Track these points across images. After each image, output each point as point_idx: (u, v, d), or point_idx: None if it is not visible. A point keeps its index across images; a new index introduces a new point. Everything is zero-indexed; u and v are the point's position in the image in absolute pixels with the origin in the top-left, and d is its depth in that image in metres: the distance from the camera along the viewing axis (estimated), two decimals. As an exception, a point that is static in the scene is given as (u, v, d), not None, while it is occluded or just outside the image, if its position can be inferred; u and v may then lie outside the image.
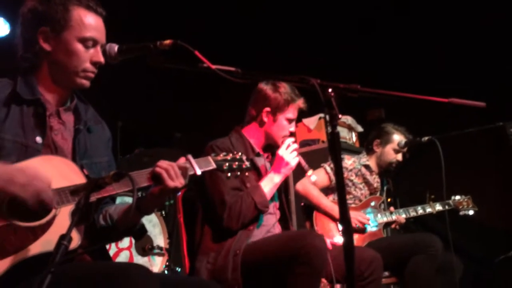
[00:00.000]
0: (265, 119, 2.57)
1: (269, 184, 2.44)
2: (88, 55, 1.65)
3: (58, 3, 1.61)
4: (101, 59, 1.66)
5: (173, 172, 1.63)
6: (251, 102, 2.64)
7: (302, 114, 4.55)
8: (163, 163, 1.64)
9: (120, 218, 1.73)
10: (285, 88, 2.55)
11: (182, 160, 1.71)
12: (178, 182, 1.63)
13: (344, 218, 1.25)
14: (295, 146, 2.50)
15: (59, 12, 1.61)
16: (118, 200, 1.97)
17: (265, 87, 2.58)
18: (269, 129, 2.59)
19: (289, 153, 2.46)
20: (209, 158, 1.84)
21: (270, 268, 2.24)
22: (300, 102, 2.58)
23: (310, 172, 2.51)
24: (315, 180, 3.25)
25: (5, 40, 4.51)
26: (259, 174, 2.54)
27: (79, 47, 1.63)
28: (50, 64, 1.66)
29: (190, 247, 2.48)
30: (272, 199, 2.55)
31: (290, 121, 2.57)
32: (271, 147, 2.63)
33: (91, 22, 1.64)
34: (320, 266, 2.14)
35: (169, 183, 1.61)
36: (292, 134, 2.65)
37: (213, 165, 1.83)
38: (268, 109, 2.56)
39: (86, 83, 1.68)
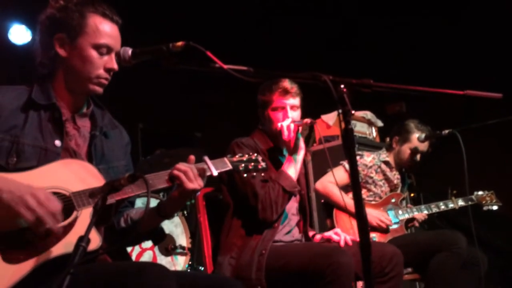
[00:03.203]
0: (263, 119, 2.60)
1: (290, 165, 2.45)
2: (102, 62, 1.67)
3: (75, 10, 1.65)
4: (115, 66, 1.68)
5: (192, 174, 1.65)
6: None
7: (321, 111, 4.58)
8: (182, 166, 1.66)
9: (141, 220, 1.76)
10: (270, 83, 2.52)
11: (192, 159, 1.72)
12: (196, 184, 1.66)
13: (359, 215, 1.24)
14: (288, 121, 2.46)
15: (75, 19, 1.64)
16: (139, 202, 2.00)
17: (258, 92, 2.61)
18: (266, 127, 2.59)
19: (290, 131, 2.43)
20: (225, 159, 1.86)
21: (294, 279, 2.24)
22: (280, 86, 2.49)
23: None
24: (335, 178, 3.24)
25: (27, 47, 4.63)
26: None
27: (93, 53, 1.66)
28: (65, 70, 1.70)
29: (215, 245, 2.50)
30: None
31: (279, 109, 2.51)
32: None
33: (106, 29, 1.67)
34: (347, 284, 2.12)
35: (188, 185, 1.64)
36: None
37: (229, 166, 1.85)
38: (261, 110, 2.59)
39: (99, 89, 1.71)
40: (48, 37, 1.67)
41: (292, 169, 2.45)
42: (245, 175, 1.91)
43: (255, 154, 1.97)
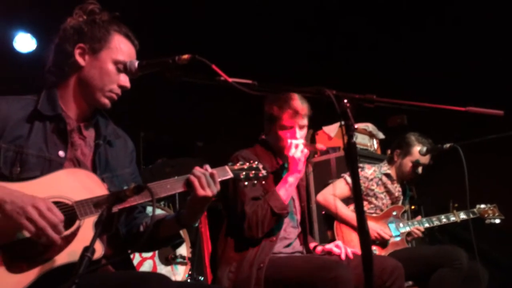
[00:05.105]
0: (269, 131, 2.59)
1: (284, 186, 2.43)
2: (117, 78, 1.75)
3: (102, 26, 1.75)
4: (128, 85, 1.77)
5: (205, 180, 1.69)
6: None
7: (323, 122, 4.59)
8: (197, 171, 1.71)
9: (161, 228, 1.81)
10: (281, 99, 2.52)
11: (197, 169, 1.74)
12: (208, 191, 1.69)
13: (361, 228, 1.24)
14: (301, 142, 2.47)
15: (102, 33, 1.74)
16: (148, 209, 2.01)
17: (266, 102, 2.60)
18: (271, 141, 2.59)
19: (298, 151, 2.44)
20: (226, 167, 1.87)
21: None
22: (291, 107, 2.48)
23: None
24: (336, 191, 3.25)
25: (32, 55, 4.67)
26: None
27: (112, 67, 1.73)
28: (78, 78, 1.74)
29: (213, 257, 2.50)
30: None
31: (287, 128, 2.51)
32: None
33: (126, 49, 1.77)
34: None
35: (199, 191, 1.68)
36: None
37: (230, 175, 1.86)
38: (268, 122, 2.58)
39: (108, 103, 1.76)
40: (68, 45, 1.73)
41: (283, 190, 2.41)
42: (246, 183, 1.92)
43: (256, 162, 1.97)
